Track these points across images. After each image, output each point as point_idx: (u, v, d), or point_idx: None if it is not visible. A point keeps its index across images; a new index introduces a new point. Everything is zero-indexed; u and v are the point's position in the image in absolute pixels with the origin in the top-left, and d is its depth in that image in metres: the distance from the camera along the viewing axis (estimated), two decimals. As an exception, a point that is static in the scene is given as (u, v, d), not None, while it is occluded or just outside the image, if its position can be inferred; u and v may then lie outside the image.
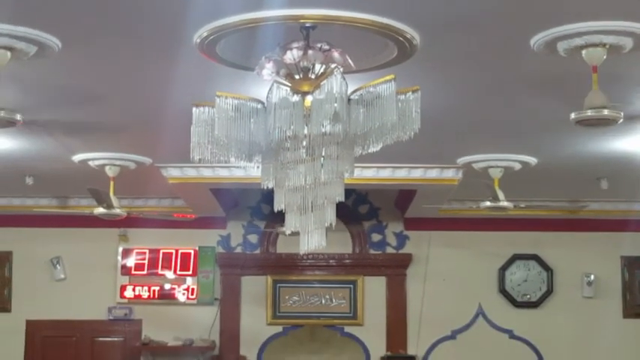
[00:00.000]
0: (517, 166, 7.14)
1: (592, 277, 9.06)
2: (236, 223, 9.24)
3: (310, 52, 3.90)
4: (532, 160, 7.09)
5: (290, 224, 4.91)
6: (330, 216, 4.73)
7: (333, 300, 9.16)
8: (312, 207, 4.65)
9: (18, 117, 4.81)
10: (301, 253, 5.18)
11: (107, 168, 7.17)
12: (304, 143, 4.27)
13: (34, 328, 9.12)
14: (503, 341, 9.07)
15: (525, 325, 9.08)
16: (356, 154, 4.26)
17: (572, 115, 4.42)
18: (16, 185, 8.05)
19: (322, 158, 4.31)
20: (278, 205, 4.81)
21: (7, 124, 4.93)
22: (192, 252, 9.14)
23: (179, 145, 4.87)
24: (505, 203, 7.16)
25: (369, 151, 4.19)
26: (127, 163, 7.20)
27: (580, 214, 8.48)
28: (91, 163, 7.16)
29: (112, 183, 7.22)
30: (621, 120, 4.51)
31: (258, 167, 4.49)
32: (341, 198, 4.64)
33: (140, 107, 5.73)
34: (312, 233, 4.81)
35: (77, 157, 7.13)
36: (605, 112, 4.40)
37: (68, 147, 6.87)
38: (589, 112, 4.42)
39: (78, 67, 4.80)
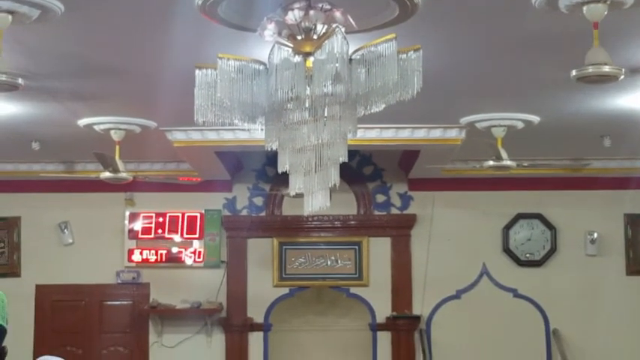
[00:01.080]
0: (520, 125, 7.13)
1: (595, 235, 9.07)
2: (241, 185, 9.25)
3: (312, 12, 3.89)
4: (535, 118, 7.07)
5: (294, 185, 4.92)
6: (334, 176, 4.73)
7: (339, 261, 9.19)
8: (315, 168, 4.66)
9: (20, 81, 4.81)
10: (305, 214, 5.22)
11: (112, 132, 7.18)
12: (307, 104, 4.28)
13: (43, 293, 9.17)
14: (507, 300, 9.10)
15: (529, 283, 9.10)
16: (359, 114, 4.26)
17: (573, 72, 4.42)
18: (22, 151, 8.07)
19: (325, 119, 4.31)
20: (282, 167, 4.81)
21: (9, 87, 4.93)
22: (198, 215, 9.16)
23: (183, 109, 4.87)
24: (508, 162, 7.16)
25: (372, 111, 4.19)
26: (132, 127, 7.21)
27: (583, 172, 8.48)
28: (96, 127, 7.17)
29: (117, 147, 7.24)
30: (622, 76, 4.50)
31: (261, 129, 4.49)
32: (344, 158, 4.65)
33: (143, 70, 5.73)
34: (316, 194, 4.82)
35: (82, 122, 7.14)
36: (606, 68, 4.39)
37: (73, 111, 6.87)
38: (590, 69, 4.41)
39: (80, 31, 4.81)
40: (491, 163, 7.22)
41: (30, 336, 9.09)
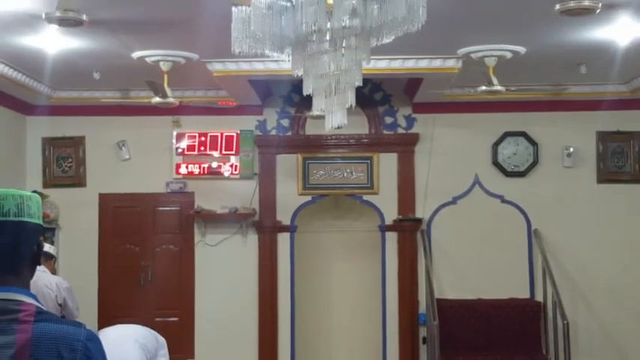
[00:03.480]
0: (508, 55, 7.07)
1: (571, 149, 9.02)
2: (270, 109, 9.23)
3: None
4: (521, 49, 7.01)
5: (317, 106, 4.93)
6: (351, 98, 4.73)
7: (353, 173, 9.21)
8: (335, 91, 4.65)
9: (84, 17, 4.78)
10: (326, 130, 5.22)
11: (161, 63, 7.17)
12: (327, 36, 4.26)
13: (105, 200, 9.25)
14: (495, 205, 9.12)
15: (514, 191, 9.10)
16: (372, 44, 4.24)
17: (557, 6, 4.37)
18: (85, 80, 8.06)
19: (343, 49, 4.30)
20: (306, 90, 4.81)
21: (75, 23, 4.93)
22: (234, 135, 9.17)
23: (222, 43, 4.86)
24: (498, 87, 7.12)
25: (383, 42, 4.17)
26: (178, 59, 7.19)
27: (562, 95, 8.41)
28: (147, 59, 7.15)
29: (165, 76, 7.23)
30: (599, 10, 4.46)
31: (288, 59, 4.49)
32: (359, 83, 4.64)
33: (188, 7, 5.69)
34: (335, 113, 4.82)
35: (135, 54, 7.12)
36: (586, 2, 4.36)
37: (128, 45, 6.86)
38: (571, 3, 4.38)
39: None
40: (483, 88, 7.18)
41: (95, 235, 9.21)
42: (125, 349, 5.36)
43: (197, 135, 9.16)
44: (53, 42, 6.66)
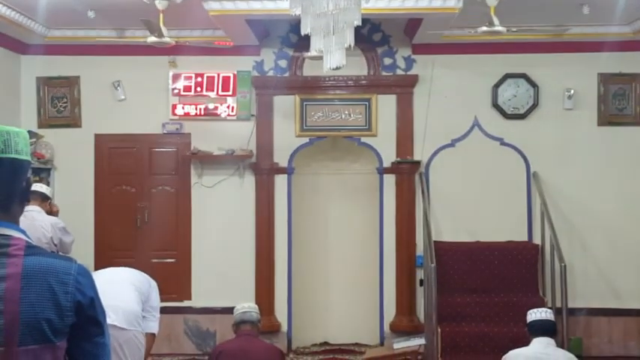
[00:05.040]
0: (510, -6, 7.02)
1: (572, 91, 9.00)
2: (268, 50, 9.19)
3: None
4: (523, -12, 6.97)
5: (315, 46, 4.91)
6: (349, 38, 4.72)
7: (351, 115, 9.20)
8: (333, 30, 4.63)
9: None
10: (324, 71, 5.20)
11: (157, 2, 7.08)
12: (326, -27, 4.22)
13: (101, 141, 9.26)
14: (495, 147, 9.13)
15: (514, 133, 9.10)
16: (371, -17, 4.21)
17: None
18: (80, 18, 8.01)
19: (342, -14, 4.26)
20: (304, 29, 4.79)
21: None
22: (231, 75, 9.14)
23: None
24: (499, 28, 7.06)
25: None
26: (174, -2, 7.13)
27: (563, 37, 8.37)
28: (142, -3, 7.10)
29: (161, 15, 7.17)
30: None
31: (286, -3, 4.45)
32: (358, 22, 4.62)
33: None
34: (333, 53, 4.82)
35: (131, -7, 7.07)
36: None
37: (123, -17, 6.80)
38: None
39: None
40: (484, 28, 7.12)
41: (91, 176, 9.25)
42: (121, 291, 5.44)
43: (193, 75, 9.13)
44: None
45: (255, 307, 5.69)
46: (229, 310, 8.96)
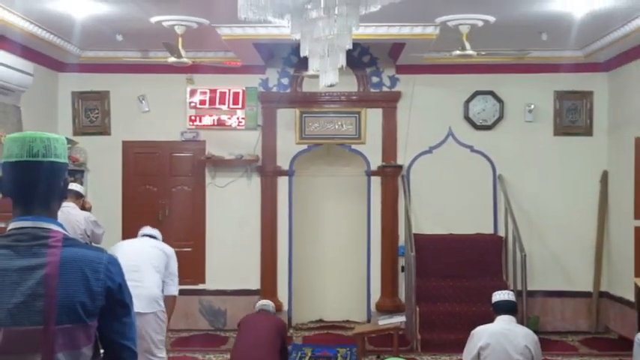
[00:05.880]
0: (480, 24, 7.02)
1: (532, 106, 9.02)
2: (272, 69, 9.17)
3: None
4: (491, 18, 6.97)
5: (312, 66, 4.90)
6: (342, 59, 4.71)
7: (343, 126, 9.19)
8: (328, 53, 4.63)
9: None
10: (320, 87, 5.21)
11: (176, 27, 7.11)
12: (322, 4, 4.22)
13: (128, 147, 9.24)
14: (466, 154, 9.13)
15: (482, 142, 9.11)
16: (360, 12, 4.21)
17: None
18: (110, 41, 8.01)
19: (336, 16, 4.26)
20: (303, 52, 4.79)
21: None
22: (240, 91, 9.13)
23: (229, 9, 4.81)
24: (471, 52, 7.09)
25: (371, 10, 4.13)
26: (191, 24, 7.13)
27: (525, 59, 8.37)
28: (164, 23, 7.10)
29: (180, 39, 7.18)
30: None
31: (288, 24, 4.45)
32: (349, 46, 4.61)
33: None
34: (328, 72, 4.81)
35: (153, 19, 7.06)
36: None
37: (146, 11, 6.78)
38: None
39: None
40: (458, 52, 7.14)
41: (119, 177, 9.23)
42: (143, 278, 5.47)
43: (208, 91, 9.11)
44: (81, 8, 6.60)
45: (272, 304, 6.63)
46: (239, 292, 9.07)
